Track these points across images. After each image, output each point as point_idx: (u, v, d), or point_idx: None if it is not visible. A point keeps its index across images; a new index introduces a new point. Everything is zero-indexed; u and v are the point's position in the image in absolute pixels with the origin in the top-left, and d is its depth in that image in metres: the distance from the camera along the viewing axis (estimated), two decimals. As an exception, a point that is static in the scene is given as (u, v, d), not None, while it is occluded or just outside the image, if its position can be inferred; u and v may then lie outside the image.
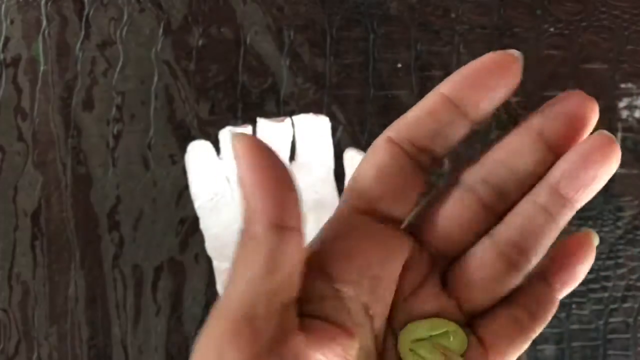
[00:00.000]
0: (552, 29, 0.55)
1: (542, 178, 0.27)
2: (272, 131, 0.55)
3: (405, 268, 0.27)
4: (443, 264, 0.28)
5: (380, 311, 0.26)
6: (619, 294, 0.56)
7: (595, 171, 0.26)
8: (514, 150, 0.27)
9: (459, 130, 0.26)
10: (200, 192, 0.55)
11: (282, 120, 0.55)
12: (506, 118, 0.27)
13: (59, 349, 0.56)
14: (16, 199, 0.56)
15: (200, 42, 0.56)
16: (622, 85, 0.56)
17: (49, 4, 0.56)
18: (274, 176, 0.24)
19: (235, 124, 0.55)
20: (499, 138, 0.28)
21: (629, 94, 0.56)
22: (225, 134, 0.55)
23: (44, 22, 0.56)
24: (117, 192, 0.56)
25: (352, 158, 0.54)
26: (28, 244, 0.56)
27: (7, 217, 0.56)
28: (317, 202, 0.55)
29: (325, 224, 0.27)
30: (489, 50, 0.26)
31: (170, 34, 0.56)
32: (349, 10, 0.56)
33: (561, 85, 0.55)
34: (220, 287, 0.55)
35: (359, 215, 0.27)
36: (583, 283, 0.55)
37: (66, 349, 0.56)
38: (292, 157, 0.55)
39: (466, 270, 0.27)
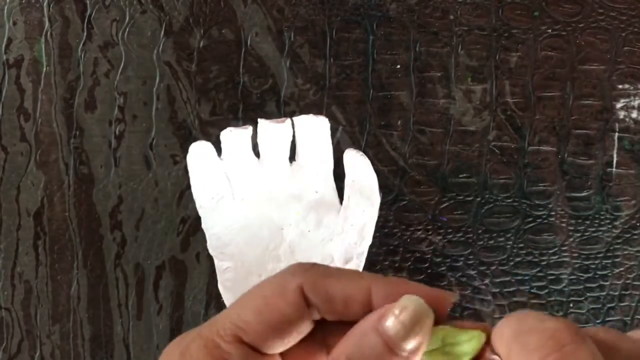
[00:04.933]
0: (549, 31, 0.55)
1: None
2: (273, 132, 0.55)
3: None
4: None
5: None
6: (617, 293, 0.56)
7: None
8: None
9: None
10: (201, 192, 0.55)
11: (283, 121, 0.55)
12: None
13: (61, 348, 0.56)
14: (19, 198, 0.56)
15: (201, 44, 0.56)
16: (620, 86, 0.56)
17: (52, 5, 0.56)
18: None
19: (236, 125, 0.56)
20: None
21: (626, 94, 0.56)
22: (226, 135, 0.55)
23: (47, 24, 0.56)
24: (119, 192, 0.56)
25: (352, 158, 0.55)
26: (31, 244, 0.56)
27: (9, 217, 0.56)
28: (317, 202, 0.55)
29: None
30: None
31: (171, 35, 0.56)
32: (348, 12, 0.56)
33: (559, 86, 0.55)
34: (221, 286, 0.55)
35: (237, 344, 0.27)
36: (580, 282, 0.56)
37: (68, 348, 0.56)
38: (292, 157, 0.55)
39: None
